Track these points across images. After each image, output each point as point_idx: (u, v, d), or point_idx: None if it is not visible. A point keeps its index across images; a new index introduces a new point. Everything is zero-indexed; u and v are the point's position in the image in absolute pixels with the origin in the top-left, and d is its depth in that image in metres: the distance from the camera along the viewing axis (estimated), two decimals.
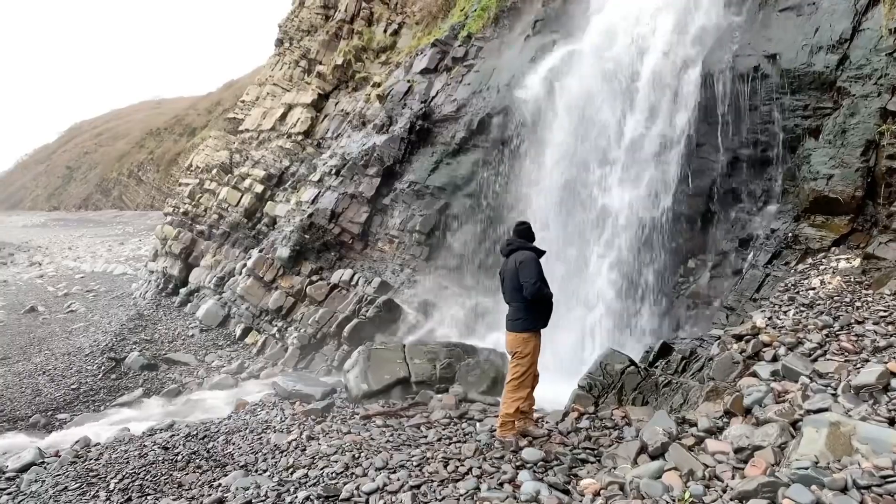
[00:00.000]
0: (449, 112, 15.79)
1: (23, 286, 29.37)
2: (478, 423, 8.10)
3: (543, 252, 7.50)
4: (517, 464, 6.56)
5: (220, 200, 23.27)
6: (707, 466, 5.46)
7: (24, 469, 8.90)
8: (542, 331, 7.35)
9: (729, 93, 10.81)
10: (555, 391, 8.53)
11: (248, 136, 25.66)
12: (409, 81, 17.82)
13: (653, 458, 6.00)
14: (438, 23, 19.93)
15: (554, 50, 13.98)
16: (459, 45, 16.90)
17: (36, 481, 8.17)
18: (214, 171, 25.35)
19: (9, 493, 7.99)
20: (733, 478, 5.19)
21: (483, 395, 9.42)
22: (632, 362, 8.36)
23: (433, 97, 16.67)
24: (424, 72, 17.51)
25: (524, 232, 7.52)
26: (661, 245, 11.12)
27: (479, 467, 6.51)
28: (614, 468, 6.18)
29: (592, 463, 6.55)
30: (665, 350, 8.73)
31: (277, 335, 16.03)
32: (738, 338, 7.52)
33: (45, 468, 8.74)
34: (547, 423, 7.75)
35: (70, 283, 29.31)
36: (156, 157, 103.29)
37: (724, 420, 6.24)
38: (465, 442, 7.40)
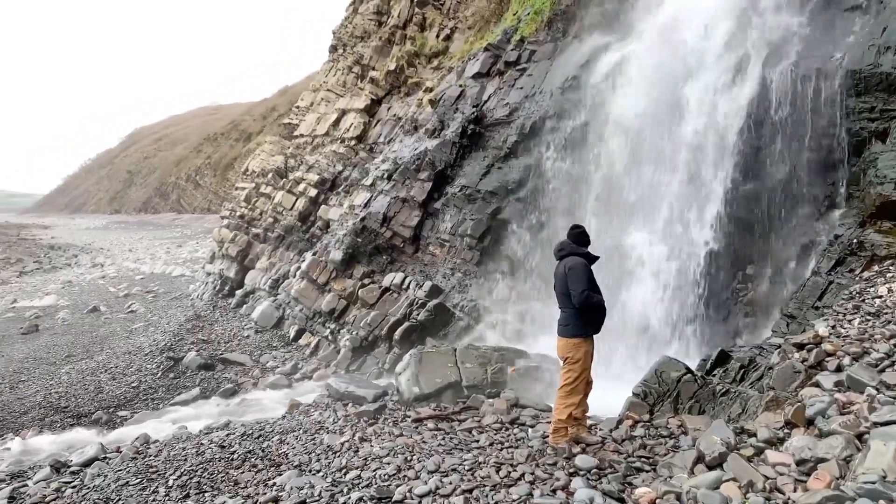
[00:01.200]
0: (501, 116, 15.77)
1: (86, 286, 30.47)
2: (530, 429, 8.05)
3: (596, 258, 7.40)
4: (570, 471, 6.50)
5: (276, 204, 23.71)
6: (767, 478, 5.31)
7: (88, 464, 9.20)
8: (595, 336, 7.28)
9: (790, 95, 10.52)
10: (608, 398, 8.42)
11: (303, 141, 26.10)
12: (461, 86, 17.87)
13: (710, 468, 5.86)
14: (491, 27, 19.94)
15: (609, 52, 13.84)
16: (512, 49, 16.86)
17: (99, 476, 8.41)
18: (270, 175, 25.86)
19: (73, 487, 8.26)
20: (795, 490, 5.03)
21: (535, 401, 9.36)
22: (688, 370, 8.20)
23: (485, 101, 16.68)
24: (477, 76, 17.53)
25: (577, 236, 7.43)
26: (718, 251, 10.88)
27: (532, 473, 6.47)
28: (670, 477, 6.06)
29: (647, 472, 6.44)
30: (723, 358, 8.53)
31: (330, 337, 16.23)
32: (800, 346, 7.28)
33: (107, 463, 9.00)
34: (600, 430, 7.66)
35: (130, 284, 30.26)
36: (213, 162, 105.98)
37: (785, 431, 6.06)
38: (517, 447, 7.36)
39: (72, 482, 8.49)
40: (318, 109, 26.83)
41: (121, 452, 9.49)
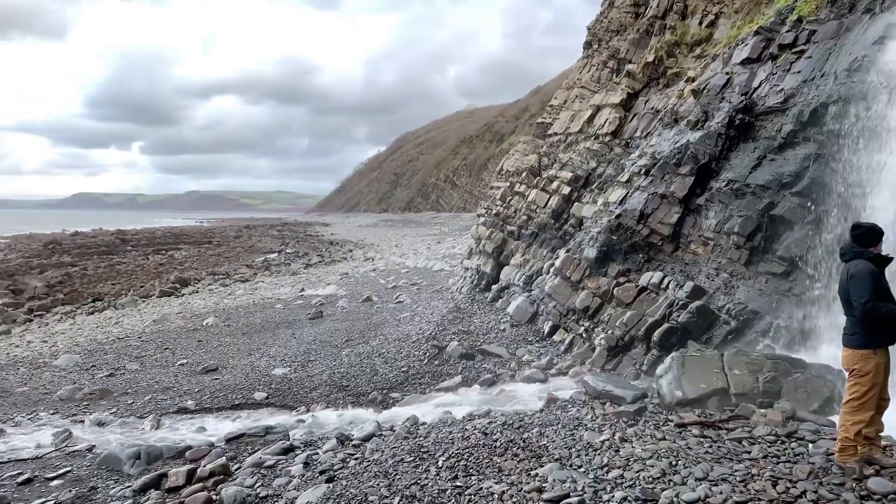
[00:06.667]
0: (774, 103, 14.51)
1: (360, 278, 33.70)
2: (810, 444, 7.37)
3: (889, 259, 6.56)
4: (862, 493, 5.87)
5: (529, 202, 24.22)
6: None
7: (367, 439, 10.13)
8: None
9: None
10: None
11: (556, 140, 26.33)
12: (727, 73, 16.77)
13: None
14: (762, 9, 18.45)
15: None
16: (788, 31, 15.42)
17: (377, 451, 9.20)
18: (524, 174, 26.48)
19: (356, 459, 9.14)
20: None
21: (815, 415, 8.54)
22: None
23: (755, 88, 15.46)
24: (745, 62, 16.31)
25: (860, 237, 6.64)
26: None
27: (815, 492, 5.95)
28: None
29: None
30: None
31: (584, 334, 16.20)
32: None
33: (383, 440, 9.82)
34: None
35: (397, 276, 32.88)
36: (468, 163, 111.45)
37: None
38: (795, 462, 6.80)
39: (354, 454, 9.38)
40: (571, 107, 26.87)
41: (394, 431, 10.34)
